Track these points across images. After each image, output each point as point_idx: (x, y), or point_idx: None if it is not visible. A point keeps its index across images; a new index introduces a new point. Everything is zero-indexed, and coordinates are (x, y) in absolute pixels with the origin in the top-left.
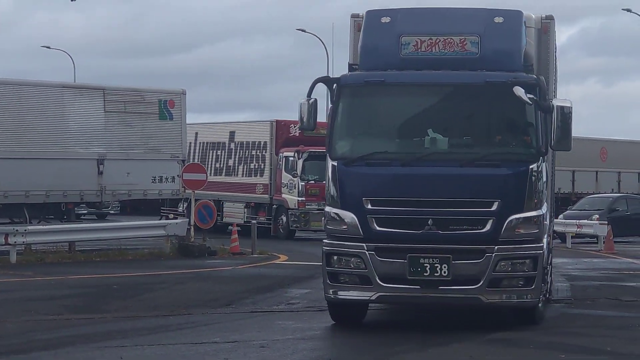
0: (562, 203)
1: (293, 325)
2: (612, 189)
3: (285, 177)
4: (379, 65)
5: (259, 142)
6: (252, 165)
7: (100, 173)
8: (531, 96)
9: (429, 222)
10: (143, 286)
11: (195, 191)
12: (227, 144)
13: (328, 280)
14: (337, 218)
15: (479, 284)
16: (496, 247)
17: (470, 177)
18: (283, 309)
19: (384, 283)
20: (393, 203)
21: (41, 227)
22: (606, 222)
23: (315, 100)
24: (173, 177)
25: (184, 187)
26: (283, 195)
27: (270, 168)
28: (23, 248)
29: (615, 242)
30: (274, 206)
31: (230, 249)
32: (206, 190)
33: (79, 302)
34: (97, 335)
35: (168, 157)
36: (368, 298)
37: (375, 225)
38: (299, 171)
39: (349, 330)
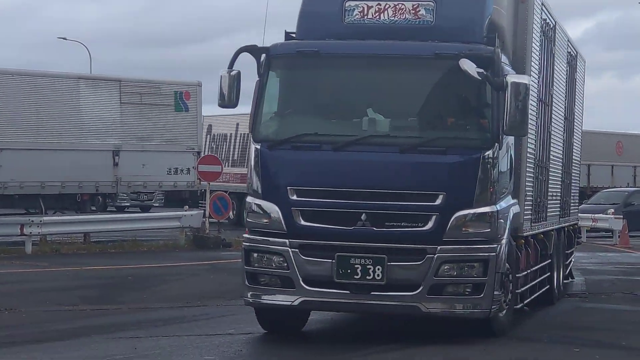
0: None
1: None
2: (628, 183)
3: None
4: (319, 34)
5: None
6: None
7: (115, 164)
8: (481, 71)
9: (362, 217)
10: (158, 278)
11: (234, 184)
12: None
13: (247, 282)
14: (259, 210)
15: (418, 290)
16: (439, 248)
17: (412, 166)
18: None
19: (309, 286)
20: (321, 194)
21: (56, 217)
22: (621, 216)
23: (239, 72)
24: (188, 168)
25: (199, 179)
26: None
27: None
28: (38, 239)
29: (630, 236)
30: None
31: None
32: (245, 182)
33: (93, 293)
34: (111, 326)
35: (184, 148)
36: (290, 303)
37: (300, 219)
38: None
39: (365, 319)
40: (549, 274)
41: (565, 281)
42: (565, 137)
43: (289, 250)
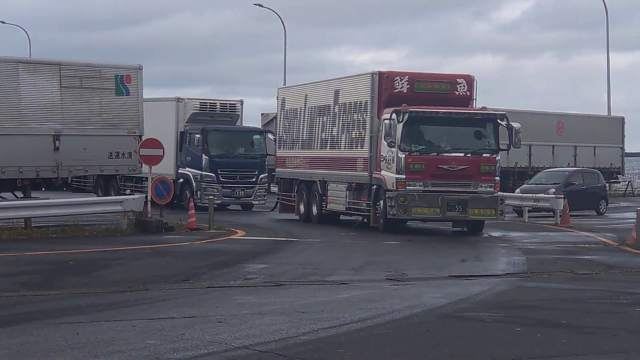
0: (519, 177)
1: (251, 300)
2: (569, 163)
3: (384, 148)
4: None
5: (360, 103)
6: (353, 134)
7: (56, 149)
8: None
9: None
10: (100, 262)
11: (299, 171)
12: (331, 107)
13: None
14: None
15: None
16: None
17: None
18: (241, 284)
19: None
20: None
21: None
22: (562, 195)
23: None
24: (130, 152)
25: (140, 162)
26: (382, 172)
27: (371, 136)
28: None
29: (571, 215)
30: (374, 187)
31: (187, 225)
32: (309, 169)
33: (35, 278)
34: (53, 311)
35: (125, 132)
36: None
37: None
38: (397, 139)
39: (305, 305)
40: None
41: None
42: None
43: None
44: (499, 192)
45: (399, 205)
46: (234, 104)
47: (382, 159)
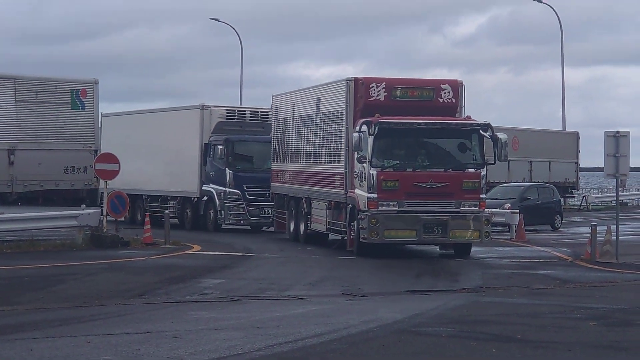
0: None
1: (206, 315)
2: (524, 178)
3: (357, 163)
4: None
5: (337, 112)
6: (332, 147)
7: (11, 163)
8: None
9: None
10: (55, 277)
11: (288, 186)
12: (314, 117)
13: None
14: None
15: None
16: None
17: None
18: (196, 299)
19: None
20: None
21: None
22: (518, 210)
23: None
24: (85, 167)
25: (96, 177)
26: (355, 191)
27: (346, 149)
28: None
29: (526, 230)
30: (349, 206)
31: (143, 240)
32: (296, 184)
33: None
34: (7, 327)
35: (80, 147)
36: None
37: None
38: (369, 153)
39: (261, 320)
40: None
41: None
42: None
43: None
44: (485, 211)
45: (370, 228)
46: (266, 112)
47: (355, 176)
